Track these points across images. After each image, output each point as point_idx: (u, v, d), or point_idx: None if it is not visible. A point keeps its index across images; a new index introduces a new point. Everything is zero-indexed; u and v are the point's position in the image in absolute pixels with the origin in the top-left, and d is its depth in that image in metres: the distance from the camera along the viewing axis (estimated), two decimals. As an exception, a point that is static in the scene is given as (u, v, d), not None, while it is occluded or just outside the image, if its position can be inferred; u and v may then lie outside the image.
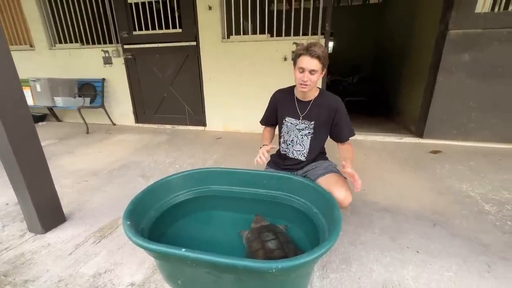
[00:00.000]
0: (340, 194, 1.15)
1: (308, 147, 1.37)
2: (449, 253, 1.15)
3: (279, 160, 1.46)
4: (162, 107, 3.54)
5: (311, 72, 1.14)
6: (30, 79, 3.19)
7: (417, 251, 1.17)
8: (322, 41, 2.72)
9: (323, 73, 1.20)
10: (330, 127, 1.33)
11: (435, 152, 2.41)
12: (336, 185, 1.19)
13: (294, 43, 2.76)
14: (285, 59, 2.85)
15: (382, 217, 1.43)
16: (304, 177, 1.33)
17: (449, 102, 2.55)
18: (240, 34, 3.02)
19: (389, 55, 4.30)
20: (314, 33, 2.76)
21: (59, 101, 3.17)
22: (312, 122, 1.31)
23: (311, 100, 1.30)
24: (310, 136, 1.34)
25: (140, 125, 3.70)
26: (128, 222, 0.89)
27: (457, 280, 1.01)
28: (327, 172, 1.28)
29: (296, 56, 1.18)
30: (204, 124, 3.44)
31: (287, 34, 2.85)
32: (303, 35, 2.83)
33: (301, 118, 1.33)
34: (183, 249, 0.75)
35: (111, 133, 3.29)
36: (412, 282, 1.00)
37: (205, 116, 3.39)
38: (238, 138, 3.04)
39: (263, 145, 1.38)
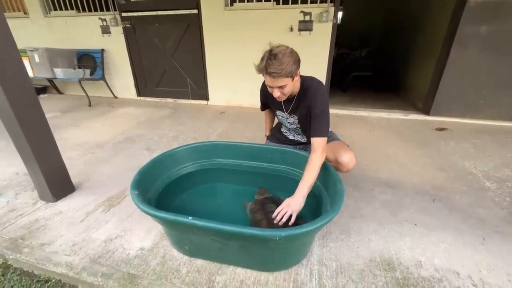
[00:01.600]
0: (345, 157, 1.17)
1: (304, 135, 1.37)
2: (446, 227, 1.19)
3: (281, 137, 1.47)
4: (163, 80, 3.47)
5: (280, 87, 1.06)
6: (28, 48, 3.09)
7: (415, 224, 1.21)
8: (332, 10, 2.55)
9: (297, 76, 1.08)
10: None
11: (441, 129, 2.38)
12: (340, 149, 1.21)
13: (301, 11, 2.60)
14: (291, 29, 2.71)
15: (383, 192, 1.46)
16: (307, 150, 1.33)
17: (461, 77, 2.45)
18: (244, 2, 2.85)
19: (401, 27, 4.06)
20: (323, 0, 2.58)
21: (59, 72, 3.11)
22: (297, 117, 1.28)
23: (295, 96, 1.21)
24: (299, 129, 1.34)
25: (142, 98, 3.66)
26: (136, 192, 0.91)
27: (451, 251, 1.05)
28: (329, 140, 1.28)
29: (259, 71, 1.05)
30: (206, 98, 3.39)
31: (294, 1, 2.68)
32: (311, 2, 2.65)
33: (287, 113, 1.29)
34: (190, 217, 0.78)
35: (114, 106, 3.27)
36: (408, 252, 1.05)
37: (207, 90, 3.33)
38: (242, 112, 3.01)
39: (266, 136, 1.57)
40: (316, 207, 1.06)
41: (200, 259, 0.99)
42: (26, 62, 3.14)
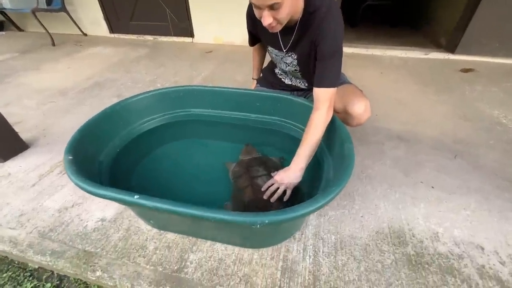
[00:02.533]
0: (358, 107, 0.88)
1: (305, 80, 1.03)
2: (469, 189, 0.99)
3: (275, 80, 1.14)
4: (138, 12, 2.87)
5: (272, 8, 0.68)
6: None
7: (432, 187, 1.01)
8: None
9: None
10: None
11: (466, 70, 2.02)
12: (351, 96, 0.91)
13: None
14: None
15: (395, 147, 1.23)
16: (307, 98, 1.04)
17: (500, 5, 1.96)
18: None
19: None
20: None
21: (6, 1, 2.52)
22: (296, 56, 0.91)
23: (296, 24, 0.83)
24: (299, 73, 0.98)
25: (115, 35, 3.11)
26: (70, 157, 0.67)
27: (474, 219, 0.88)
28: (341, 83, 0.99)
29: None
30: (191, 35, 2.87)
31: None
32: None
33: (284, 51, 0.92)
34: (136, 196, 0.55)
35: (82, 46, 2.78)
36: (422, 221, 0.88)
37: (191, 23, 2.78)
38: (233, 51, 2.56)
39: (253, 78, 1.21)
40: (316, 172, 0.84)
41: (171, 233, 0.82)
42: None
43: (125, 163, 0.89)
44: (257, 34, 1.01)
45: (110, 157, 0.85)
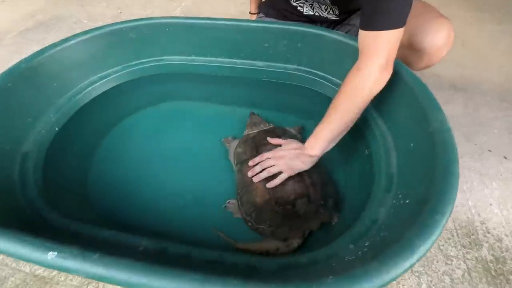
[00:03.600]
0: (439, 37, 0.53)
1: (336, 5, 0.65)
2: (555, 158, 0.74)
3: (288, 8, 0.73)
4: None
5: None
6: None
7: (505, 157, 0.75)
8: None
9: None
10: None
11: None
12: (426, 17, 0.55)
13: None
14: None
15: (449, 100, 0.92)
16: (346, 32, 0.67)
17: None
18: None
19: None
20: None
21: None
22: None
23: None
24: None
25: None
26: None
27: None
28: None
29: None
30: None
31: None
32: None
33: None
34: (50, 254, 0.27)
35: (19, -31, 2.09)
36: (497, 209, 0.64)
37: None
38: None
39: (251, 13, 0.84)
40: (358, 151, 0.55)
41: None
42: None
43: (70, 153, 0.59)
44: None
45: (42, 144, 0.54)
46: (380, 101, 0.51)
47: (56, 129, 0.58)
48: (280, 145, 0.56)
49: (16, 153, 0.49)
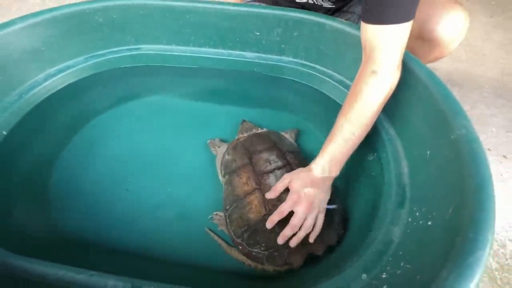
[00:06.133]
0: (453, 25, 0.49)
1: None
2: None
3: None
4: None
5: None
6: None
7: (504, 156, 0.73)
8: None
9: None
10: None
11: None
12: (434, 3, 0.49)
13: None
14: None
15: (446, 96, 0.88)
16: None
17: None
18: None
19: None
20: None
21: None
22: None
23: None
24: None
25: None
26: None
27: None
28: None
29: None
30: None
31: None
32: None
33: None
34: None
35: None
36: (500, 212, 0.61)
37: None
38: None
39: None
40: (362, 160, 0.49)
41: None
42: None
43: (21, 163, 0.48)
44: None
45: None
46: (387, 102, 0.45)
47: (4, 132, 0.47)
48: (287, 160, 0.49)
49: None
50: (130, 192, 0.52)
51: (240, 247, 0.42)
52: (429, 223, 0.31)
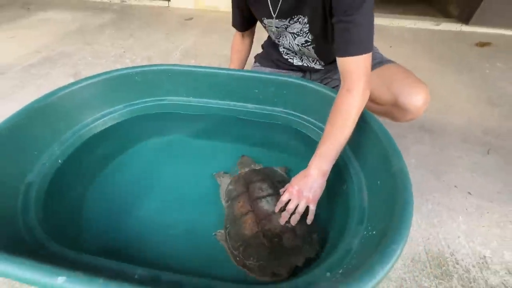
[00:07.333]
0: (418, 98, 0.63)
1: (321, 58, 0.77)
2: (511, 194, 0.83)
3: (280, 58, 0.85)
4: (99, -35, 2.34)
5: None
6: None
7: (469, 192, 0.83)
8: None
9: None
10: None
11: (482, 44, 1.80)
12: (406, 81, 0.66)
13: None
14: None
15: (418, 140, 1.02)
16: (325, 84, 0.79)
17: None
18: None
19: None
20: None
21: None
22: (306, 19, 0.65)
23: None
24: (311, 46, 0.71)
25: (74, -3, 2.57)
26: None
27: (526, 236, 0.71)
28: (375, 64, 0.72)
29: None
30: (167, -3, 2.41)
31: None
32: None
33: (283, 19, 0.67)
34: (60, 279, 0.31)
35: (30, 9, 2.26)
36: (464, 241, 0.70)
37: (166, -17, 2.31)
38: (217, 19, 2.17)
39: None
40: (336, 189, 0.62)
41: None
42: None
43: (70, 184, 0.62)
44: (244, 10, 0.73)
45: (45, 175, 0.58)
46: (355, 144, 0.60)
47: (60, 161, 0.62)
48: (278, 189, 0.62)
49: (21, 183, 0.53)
50: (148, 213, 0.64)
51: (238, 259, 0.52)
52: (374, 232, 0.43)
